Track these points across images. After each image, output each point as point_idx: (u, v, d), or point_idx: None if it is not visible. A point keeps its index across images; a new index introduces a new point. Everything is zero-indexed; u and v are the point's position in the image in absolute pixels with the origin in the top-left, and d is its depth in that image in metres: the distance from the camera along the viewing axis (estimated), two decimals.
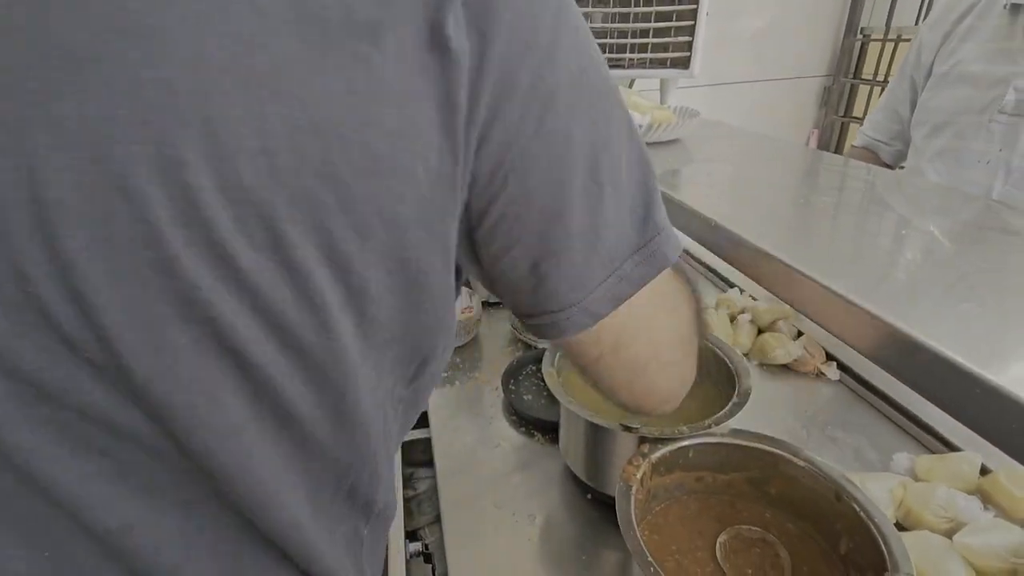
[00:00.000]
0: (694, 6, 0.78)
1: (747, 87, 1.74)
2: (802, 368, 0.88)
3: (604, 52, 0.84)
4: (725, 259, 0.41)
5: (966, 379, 0.24)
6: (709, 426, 0.55)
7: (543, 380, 0.87)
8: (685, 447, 0.54)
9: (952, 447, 0.69)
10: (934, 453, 0.70)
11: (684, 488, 0.56)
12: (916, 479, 0.64)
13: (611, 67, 0.84)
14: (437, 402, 0.87)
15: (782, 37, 1.70)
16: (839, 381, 0.86)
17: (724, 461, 0.55)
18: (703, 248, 0.44)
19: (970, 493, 0.60)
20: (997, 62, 0.75)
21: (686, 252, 1.32)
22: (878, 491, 0.60)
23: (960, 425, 0.26)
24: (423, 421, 0.89)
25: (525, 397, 0.85)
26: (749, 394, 0.60)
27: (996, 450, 0.24)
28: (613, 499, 0.48)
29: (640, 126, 0.63)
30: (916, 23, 1.62)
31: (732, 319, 0.97)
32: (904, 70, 0.92)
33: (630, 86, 0.94)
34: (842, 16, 1.74)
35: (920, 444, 0.73)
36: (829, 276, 0.32)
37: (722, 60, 1.67)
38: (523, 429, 0.80)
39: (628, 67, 0.84)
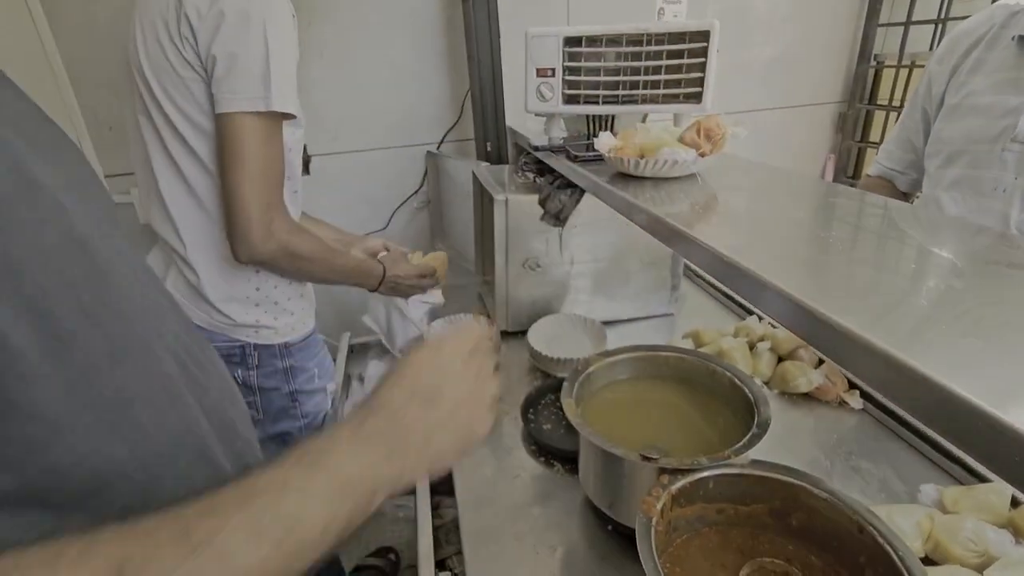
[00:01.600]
0: (704, 44, 0.81)
1: (761, 115, 1.76)
2: (824, 396, 0.87)
3: (617, 89, 0.87)
4: (739, 294, 0.43)
5: (974, 415, 0.25)
6: (728, 457, 0.55)
7: (562, 410, 0.88)
8: (705, 478, 0.55)
9: (981, 478, 0.68)
10: (962, 484, 0.69)
11: (705, 520, 0.56)
12: (944, 511, 0.63)
13: (624, 102, 0.88)
14: None
15: (794, 65, 1.73)
16: (863, 410, 0.85)
17: (745, 492, 0.55)
18: None
19: (1000, 526, 0.59)
20: (1007, 92, 0.76)
21: (704, 280, 1.33)
22: (905, 523, 0.59)
23: None
24: None
25: (544, 427, 0.86)
26: (768, 424, 0.60)
27: None
28: (634, 531, 0.49)
29: (686, 161, 0.65)
30: (930, 48, 1.64)
31: (751, 347, 0.97)
32: (915, 101, 0.93)
33: (643, 120, 0.97)
34: (854, 43, 1.77)
35: (948, 475, 0.72)
36: (838, 311, 0.33)
37: (735, 89, 1.71)
38: (542, 459, 0.81)
39: (641, 103, 0.87)
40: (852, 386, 0.88)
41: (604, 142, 0.73)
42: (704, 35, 0.80)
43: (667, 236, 0.53)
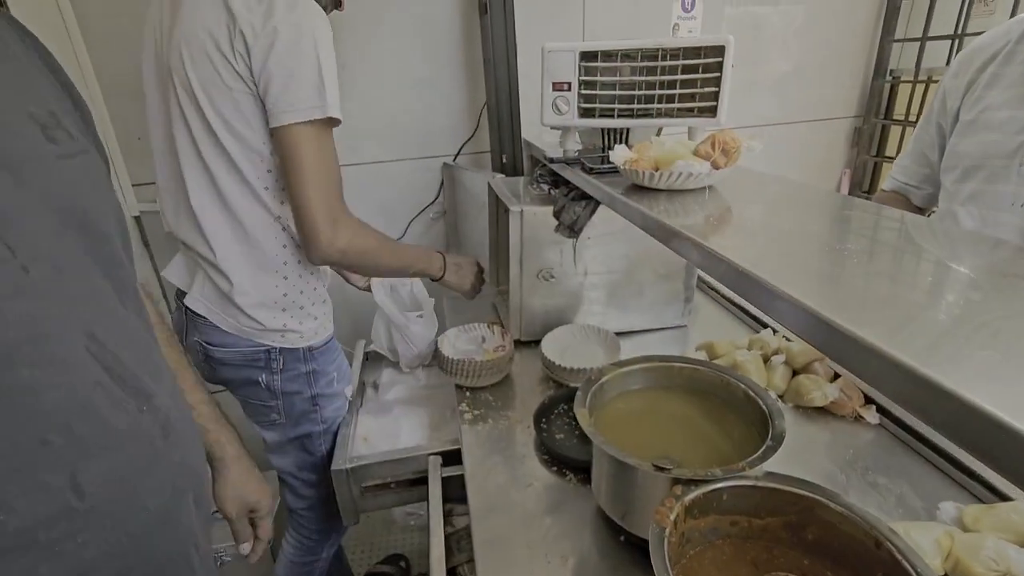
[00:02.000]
0: (719, 59, 0.82)
1: (776, 129, 1.76)
2: (839, 411, 0.86)
3: (632, 103, 0.88)
4: (754, 305, 0.43)
5: (996, 428, 0.25)
6: (743, 468, 0.55)
7: (575, 419, 0.88)
8: (719, 490, 0.54)
9: (1002, 496, 0.67)
10: (983, 502, 0.68)
11: (719, 532, 0.56)
12: (964, 529, 0.62)
13: (639, 116, 0.88)
14: (471, 439, 0.88)
15: (809, 80, 1.73)
16: (879, 425, 0.84)
17: (759, 505, 0.55)
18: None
19: (1022, 545, 0.58)
20: (1023, 107, 0.76)
21: (718, 292, 1.32)
22: (924, 541, 0.58)
23: None
24: (457, 458, 0.91)
25: (557, 436, 0.86)
26: (783, 436, 0.60)
27: None
28: (647, 542, 0.49)
29: (700, 173, 0.66)
30: (947, 63, 1.63)
31: (765, 360, 0.96)
32: (930, 116, 0.93)
33: (657, 134, 0.98)
34: (869, 59, 1.76)
35: (968, 492, 0.71)
36: (855, 322, 0.33)
37: (749, 104, 1.71)
38: (555, 468, 0.81)
39: (656, 116, 0.88)
40: (868, 400, 0.87)
41: (619, 154, 0.74)
42: (719, 50, 0.80)
43: (682, 247, 0.54)
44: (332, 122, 0.81)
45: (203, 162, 0.83)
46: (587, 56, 0.87)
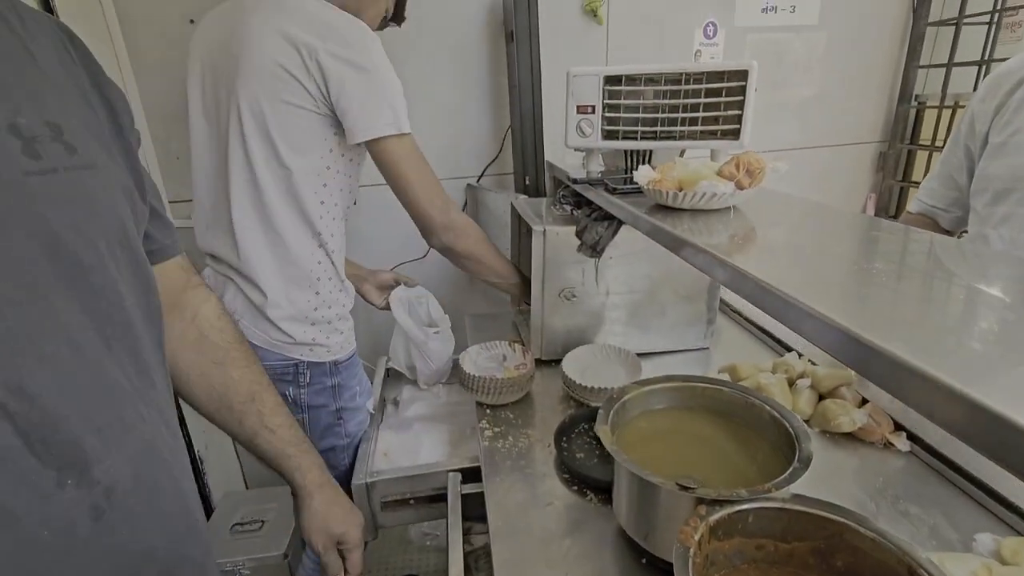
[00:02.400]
0: (743, 83, 0.83)
1: (799, 153, 1.76)
2: (868, 437, 0.84)
3: (656, 125, 0.89)
4: (783, 323, 0.42)
5: None
6: (769, 490, 0.54)
7: (596, 439, 0.87)
8: (744, 511, 0.53)
9: None
10: (1021, 535, 0.65)
11: (744, 555, 0.54)
12: (1003, 562, 0.60)
13: (662, 138, 0.90)
14: (490, 457, 0.88)
15: (832, 105, 1.73)
16: (910, 452, 0.82)
17: (786, 528, 0.53)
18: (759, 310, 0.45)
19: None
20: None
21: (741, 315, 1.31)
22: (960, 573, 0.56)
23: None
24: (477, 475, 0.91)
25: (578, 456, 0.85)
26: (811, 459, 0.58)
27: None
28: (669, 564, 0.48)
29: (725, 193, 0.67)
30: (974, 88, 1.62)
31: (790, 384, 0.94)
32: (957, 139, 0.92)
33: (681, 155, 0.99)
34: (894, 84, 1.76)
35: (1005, 524, 0.68)
36: (888, 340, 0.33)
37: (773, 128, 1.71)
38: (575, 488, 0.80)
39: (679, 138, 0.89)
40: (898, 427, 0.85)
41: (643, 175, 0.74)
42: (742, 74, 0.81)
43: (707, 265, 0.54)
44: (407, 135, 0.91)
45: (255, 179, 0.87)
46: (611, 80, 0.89)
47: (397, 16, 1.07)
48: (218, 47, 0.87)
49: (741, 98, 0.83)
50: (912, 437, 0.83)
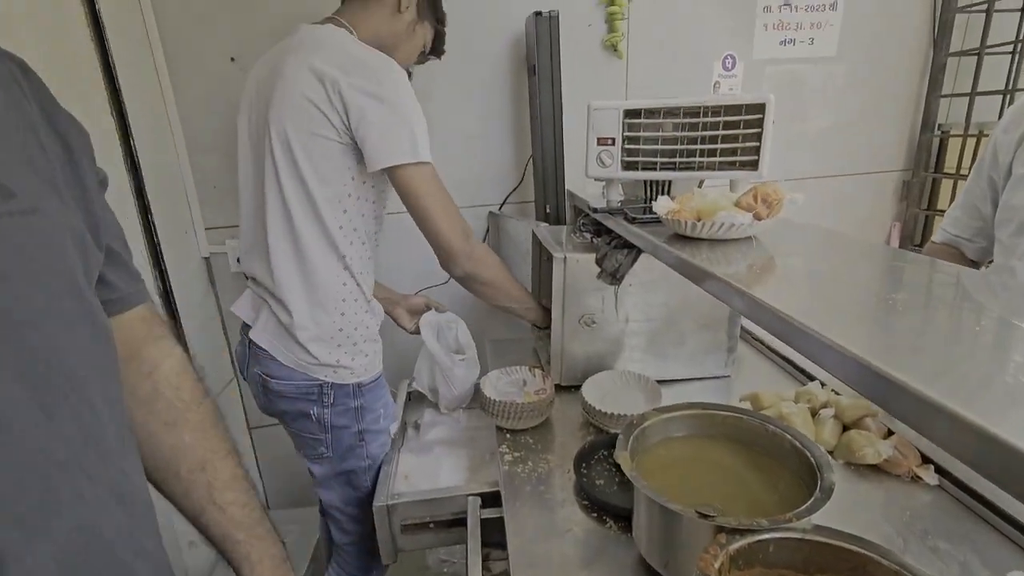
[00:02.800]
0: (760, 115, 0.85)
1: (820, 182, 1.76)
2: (894, 470, 0.83)
3: (674, 156, 0.91)
4: (803, 354, 0.43)
5: None
6: (790, 520, 0.54)
7: (615, 466, 0.87)
8: (765, 541, 0.53)
9: None
10: None
11: None
12: None
13: (681, 169, 0.91)
14: (510, 481, 0.89)
15: (853, 134, 1.73)
16: (938, 486, 0.80)
17: (807, 559, 0.53)
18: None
19: None
20: None
21: (763, 343, 1.30)
22: None
23: None
24: (496, 500, 0.91)
25: (597, 482, 0.85)
26: (833, 489, 0.58)
27: None
28: None
29: (743, 224, 0.68)
30: (999, 117, 1.61)
31: (813, 414, 0.93)
32: (981, 169, 0.92)
33: (699, 185, 1.00)
34: (916, 113, 1.75)
35: None
36: (910, 374, 0.33)
37: (792, 157, 1.72)
38: (595, 515, 0.80)
39: (698, 169, 0.91)
40: (925, 460, 0.83)
41: (662, 205, 0.76)
42: (760, 107, 0.83)
43: (725, 295, 0.55)
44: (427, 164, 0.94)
45: (285, 205, 0.92)
46: (631, 113, 0.92)
47: (435, 50, 1.12)
48: (262, 84, 0.93)
49: (759, 130, 0.84)
50: (940, 470, 0.81)
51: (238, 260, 1.48)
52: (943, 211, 1.72)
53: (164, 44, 1.33)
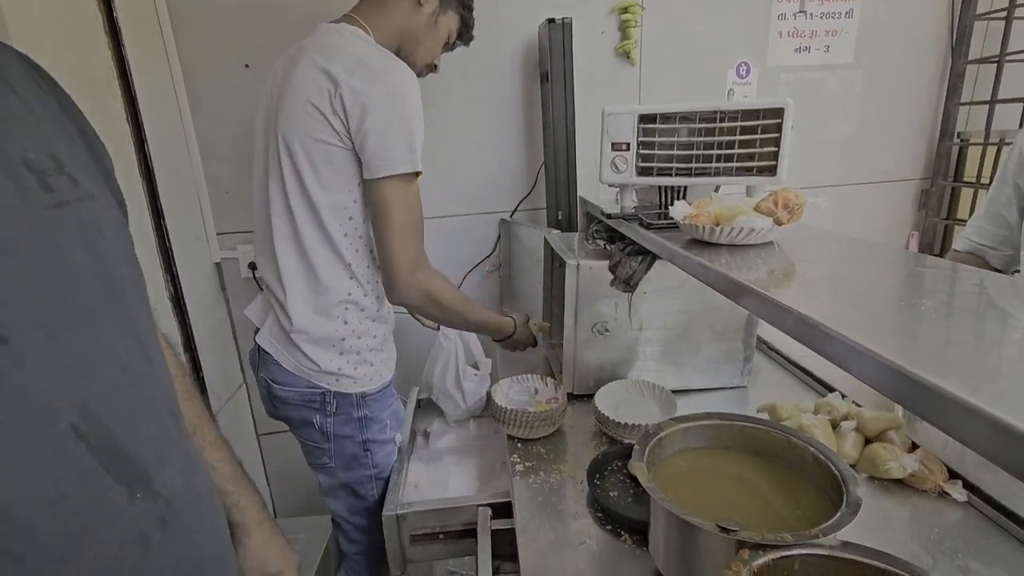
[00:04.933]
0: (778, 120, 0.83)
1: (839, 190, 1.73)
2: (920, 485, 0.80)
3: (691, 162, 0.90)
4: (829, 359, 0.41)
5: None
6: (816, 535, 0.51)
7: (630, 478, 0.85)
8: (790, 558, 0.51)
9: None
10: None
11: None
12: None
13: (697, 175, 0.90)
14: (521, 492, 0.87)
15: (872, 142, 1.71)
16: (967, 503, 0.77)
17: None
18: (801, 348, 0.45)
19: None
20: None
21: (779, 353, 1.28)
22: None
23: None
24: (508, 511, 0.89)
25: (611, 494, 0.83)
26: (859, 504, 0.56)
27: None
28: None
29: (763, 229, 0.66)
30: (1020, 126, 1.58)
31: (834, 426, 0.91)
32: (1005, 176, 0.90)
33: (716, 191, 0.99)
34: (935, 121, 1.73)
35: None
36: (943, 376, 0.32)
37: (811, 164, 1.69)
38: (609, 527, 0.78)
39: (714, 175, 0.89)
40: (953, 475, 0.80)
41: (679, 210, 0.75)
42: (778, 112, 0.82)
43: (747, 300, 0.53)
44: (417, 175, 0.90)
45: (289, 210, 0.91)
46: (646, 119, 0.90)
47: (463, 36, 1.07)
48: (275, 85, 0.92)
49: (777, 135, 0.83)
50: (969, 486, 0.78)
51: (249, 266, 1.48)
52: (963, 220, 1.69)
53: (180, 51, 1.35)
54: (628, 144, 0.92)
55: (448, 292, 0.98)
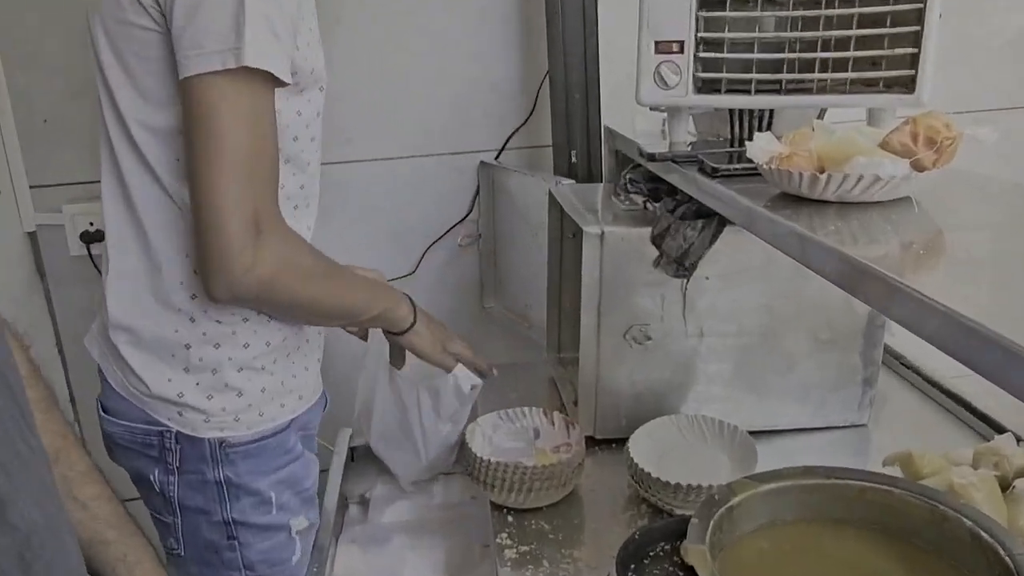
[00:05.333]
0: (920, 5, 0.83)
1: (1012, 114, 1.74)
2: None
3: (780, 70, 0.90)
4: (992, 380, 0.41)
5: None
6: None
7: (685, 568, 0.86)
8: None
9: None
10: None
11: None
12: None
13: (790, 91, 0.90)
14: None
15: None
16: None
17: None
18: (954, 365, 0.44)
19: None
20: None
21: (919, 373, 1.29)
22: None
23: None
24: None
25: None
26: None
27: None
28: None
29: (894, 177, 0.65)
30: None
31: (1004, 486, 0.92)
32: None
33: (820, 117, 0.99)
34: None
35: None
36: None
37: (966, 78, 1.68)
38: None
39: (817, 92, 0.89)
40: None
41: (762, 148, 0.75)
42: None
43: (869, 291, 0.53)
44: (270, 81, 0.82)
45: (108, 139, 0.90)
46: (709, 2, 0.90)
47: None
48: None
49: (917, 28, 0.83)
50: None
51: (82, 236, 1.47)
52: None
53: None
54: (681, 43, 0.92)
55: (317, 261, 0.94)
